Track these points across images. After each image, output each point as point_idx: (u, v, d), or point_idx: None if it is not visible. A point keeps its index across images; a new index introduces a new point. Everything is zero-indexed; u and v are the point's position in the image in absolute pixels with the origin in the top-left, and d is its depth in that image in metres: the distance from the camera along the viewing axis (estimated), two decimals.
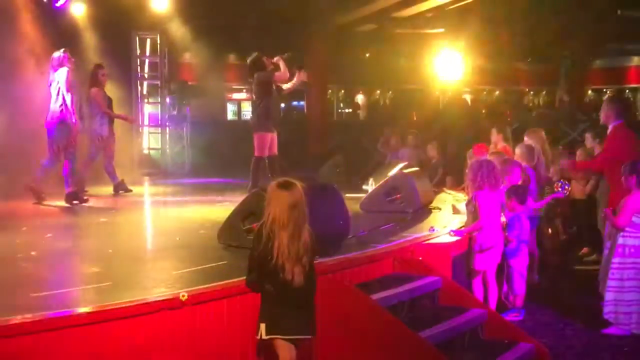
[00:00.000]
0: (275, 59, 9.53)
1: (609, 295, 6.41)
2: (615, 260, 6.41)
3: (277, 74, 9.39)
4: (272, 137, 9.47)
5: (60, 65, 9.09)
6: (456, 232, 6.63)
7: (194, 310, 4.34)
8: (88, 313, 4.02)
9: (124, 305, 4.15)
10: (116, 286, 4.82)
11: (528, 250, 7.01)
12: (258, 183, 8.92)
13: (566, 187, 7.92)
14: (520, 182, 7.21)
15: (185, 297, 4.21)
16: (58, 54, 9.18)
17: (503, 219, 6.73)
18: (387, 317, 4.93)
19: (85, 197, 9.29)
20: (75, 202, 9.05)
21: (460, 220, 7.36)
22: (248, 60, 9.64)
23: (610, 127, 7.52)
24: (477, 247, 6.43)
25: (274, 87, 9.43)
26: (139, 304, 4.22)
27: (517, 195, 6.91)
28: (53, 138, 9.02)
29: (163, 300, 4.31)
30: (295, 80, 9.70)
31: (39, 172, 9.14)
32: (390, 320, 4.90)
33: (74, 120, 9.04)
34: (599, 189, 8.46)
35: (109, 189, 10.48)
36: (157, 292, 4.62)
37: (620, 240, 6.39)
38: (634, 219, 6.30)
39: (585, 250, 9.49)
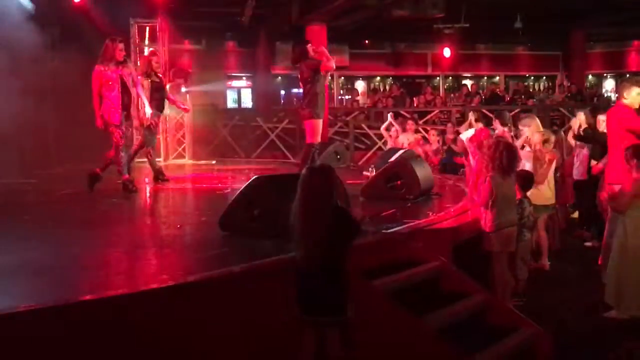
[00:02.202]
0: (320, 48, 9.51)
1: (610, 279, 6.42)
2: (616, 243, 6.42)
3: (323, 63, 9.35)
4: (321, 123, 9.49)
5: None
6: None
7: (196, 297, 4.35)
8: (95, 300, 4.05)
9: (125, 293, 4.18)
10: (118, 274, 4.83)
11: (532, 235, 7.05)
12: None
13: None
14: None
15: None
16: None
17: None
18: (389, 304, 4.94)
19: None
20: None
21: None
22: (293, 49, 9.66)
23: None
24: (492, 228, 6.42)
25: (320, 74, 9.39)
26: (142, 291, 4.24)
27: (520, 181, 6.92)
28: None
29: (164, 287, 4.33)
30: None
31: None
32: (391, 307, 4.91)
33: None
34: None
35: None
36: (160, 279, 4.63)
37: (620, 224, 6.39)
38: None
39: (585, 233, 9.49)
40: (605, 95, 26.37)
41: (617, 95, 7.61)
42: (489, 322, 5.59)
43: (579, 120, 8.78)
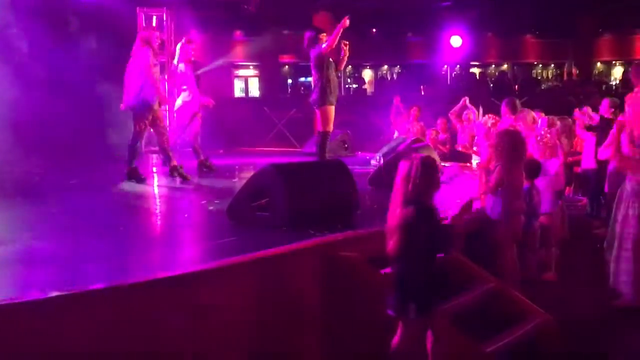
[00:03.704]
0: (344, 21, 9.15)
1: (613, 266, 6.39)
2: (617, 230, 6.38)
3: (325, 42, 9.00)
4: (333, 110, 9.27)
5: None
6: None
7: (203, 288, 4.35)
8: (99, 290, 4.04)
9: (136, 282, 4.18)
10: (126, 265, 4.83)
11: (540, 224, 7.01)
12: (325, 159, 8.87)
13: None
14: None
15: None
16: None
17: None
18: None
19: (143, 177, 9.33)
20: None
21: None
22: (305, 38, 9.37)
23: None
24: (500, 216, 6.39)
25: (329, 60, 9.18)
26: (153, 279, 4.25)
27: (526, 168, 6.87)
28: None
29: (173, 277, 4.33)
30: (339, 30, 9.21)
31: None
32: None
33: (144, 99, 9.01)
34: None
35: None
36: (167, 269, 4.62)
37: (622, 210, 6.35)
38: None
39: (594, 221, 9.45)
40: (614, 83, 26.23)
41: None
42: (498, 310, 5.58)
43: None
